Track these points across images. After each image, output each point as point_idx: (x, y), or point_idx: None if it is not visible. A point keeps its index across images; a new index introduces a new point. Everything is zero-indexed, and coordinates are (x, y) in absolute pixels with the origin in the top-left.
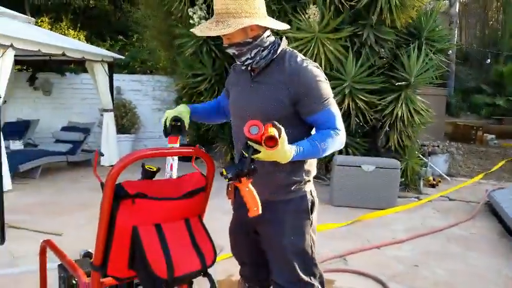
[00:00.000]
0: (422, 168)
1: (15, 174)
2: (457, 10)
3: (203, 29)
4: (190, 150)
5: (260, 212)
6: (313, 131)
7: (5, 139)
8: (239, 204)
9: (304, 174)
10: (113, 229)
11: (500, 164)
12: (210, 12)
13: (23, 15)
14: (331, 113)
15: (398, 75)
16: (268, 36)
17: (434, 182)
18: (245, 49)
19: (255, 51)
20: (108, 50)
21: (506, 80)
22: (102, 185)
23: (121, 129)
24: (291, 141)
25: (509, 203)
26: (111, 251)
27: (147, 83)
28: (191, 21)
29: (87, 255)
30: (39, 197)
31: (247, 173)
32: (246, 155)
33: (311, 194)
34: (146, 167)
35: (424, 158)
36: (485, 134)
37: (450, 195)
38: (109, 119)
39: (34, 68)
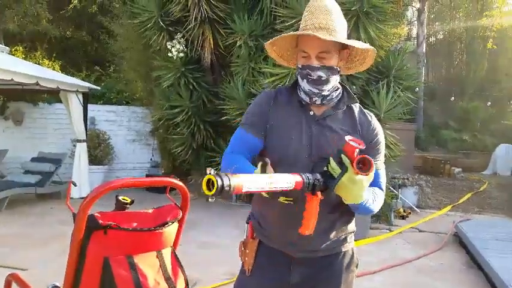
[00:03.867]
0: (393, 201)
1: None
2: (424, 50)
3: (309, 31)
4: (165, 180)
5: (312, 233)
6: None
7: None
8: (263, 268)
9: (354, 225)
10: (83, 260)
11: (467, 197)
12: (188, 45)
13: None
14: (382, 173)
15: (368, 110)
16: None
17: (405, 214)
18: (332, 77)
19: (334, 84)
20: (84, 80)
21: (471, 116)
22: (74, 215)
23: (94, 160)
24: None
25: (476, 234)
26: (81, 283)
27: (122, 114)
28: (169, 54)
29: None
30: (4, 230)
31: (329, 188)
32: (332, 172)
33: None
34: (120, 198)
35: (394, 191)
36: (452, 168)
37: (420, 226)
38: (81, 150)
39: (5, 97)
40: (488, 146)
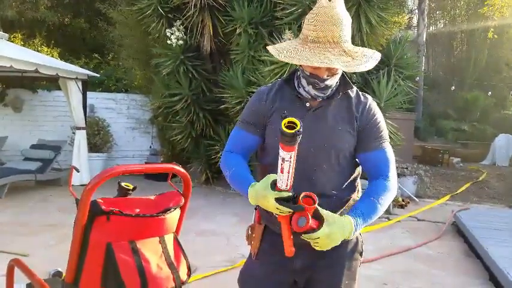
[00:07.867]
0: None
1: None
2: (424, 39)
3: (319, 60)
4: (168, 166)
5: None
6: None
7: None
8: (268, 252)
9: None
10: (86, 246)
11: (465, 186)
12: (187, 33)
13: None
14: (387, 154)
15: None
16: None
17: (404, 203)
18: (334, 81)
19: (335, 83)
20: (82, 67)
21: (470, 106)
22: (77, 201)
23: (93, 147)
24: (341, 177)
25: (474, 224)
26: (83, 268)
27: (121, 102)
28: (168, 41)
29: (57, 274)
30: (5, 217)
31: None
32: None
33: (360, 234)
34: (123, 184)
35: None
36: (451, 158)
37: (418, 215)
38: (81, 137)
39: (4, 84)
40: (488, 136)
